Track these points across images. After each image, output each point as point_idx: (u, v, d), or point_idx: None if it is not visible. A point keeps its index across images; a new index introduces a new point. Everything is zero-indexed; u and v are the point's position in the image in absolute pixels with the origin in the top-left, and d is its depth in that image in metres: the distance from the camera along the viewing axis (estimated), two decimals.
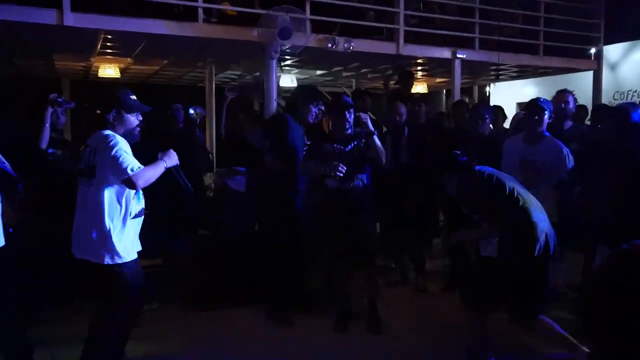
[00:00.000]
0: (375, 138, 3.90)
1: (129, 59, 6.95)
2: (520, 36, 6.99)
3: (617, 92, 8.68)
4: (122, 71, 7.54)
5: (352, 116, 4.02)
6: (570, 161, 4.11)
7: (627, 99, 8.45)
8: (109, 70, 7.22)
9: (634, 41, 8.40)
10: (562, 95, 5.10)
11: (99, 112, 3.42)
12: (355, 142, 3.97)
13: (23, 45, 6.00)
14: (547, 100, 4.50)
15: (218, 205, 5.43)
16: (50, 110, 3.82)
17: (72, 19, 4.60)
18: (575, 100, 5.20)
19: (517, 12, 7.09)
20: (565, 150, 4.15)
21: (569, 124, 5.03)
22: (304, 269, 4.36)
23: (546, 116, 4.20)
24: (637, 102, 6.97)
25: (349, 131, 4.04)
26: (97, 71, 7.42)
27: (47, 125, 3.81)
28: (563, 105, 4.90)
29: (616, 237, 2.73)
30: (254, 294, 4.30)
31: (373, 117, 5.73)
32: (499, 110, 5.99)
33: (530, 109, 4.29)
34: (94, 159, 2.77)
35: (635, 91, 8.52)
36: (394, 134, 4.83)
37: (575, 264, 4.88)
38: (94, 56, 6.65)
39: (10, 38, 5.42)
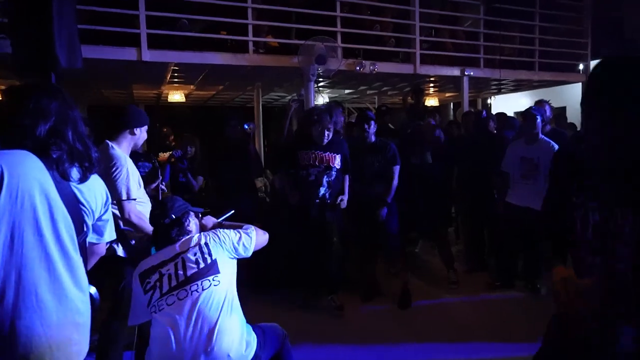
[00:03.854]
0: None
1: (192, 86, 7.00)
2: (518, 55, 6.76)
3: None
4: (186, 96, 7.60)
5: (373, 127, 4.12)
6: None
7: None
8: (176, 96, 7.28)
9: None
10: (541, 105, 5.03)
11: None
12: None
13: (107, 79, 6.10)
14: (538, 108, 4.42)
15: (271, 205, 5.39)
16: None
17: (149, 55, 4.63)
18: (551, 108, 5.09)
19: (515, 34, 6.86)
20: (556, 148, 4.08)
21: (547, 127, 4.92)
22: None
23: (538, 120, 4.16)
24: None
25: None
26: (167, 97, 7.49)
27: None
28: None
29: None
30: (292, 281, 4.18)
31: (392, 127, 5.62)
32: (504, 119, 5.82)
33: (525, 116, 4.25)
34: None
35: None
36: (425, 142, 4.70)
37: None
38: (164, 85, 6.72)
39: (98, 73, 5.50)
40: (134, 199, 2.55)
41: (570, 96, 7.56)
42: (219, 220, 2.43)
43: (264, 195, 5.82)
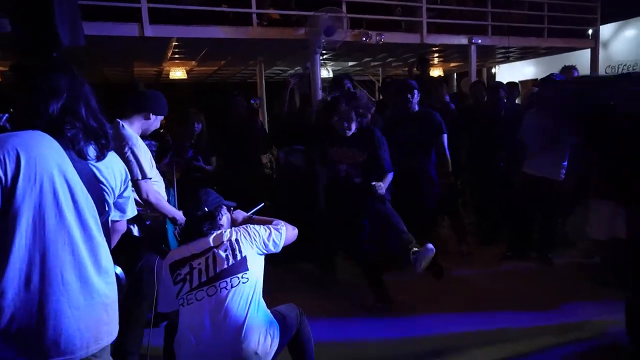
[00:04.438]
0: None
1: (193, 62, 6.86)
2: (526, 21, 6.57)
3: (609, 66, 8.19)
4: (187, 72, 7.46)
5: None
6: None
7: (617, 72, 7.99)
8: (178, 73, 7.15)
9: (624, 20, 7.87)
10: (569, 71, 4.88)
11: None
12: None
13: (108, 56, 5.96)
14: (561, 75, 4.29)
15: (278, 180, 5.34)
16: None
17: (150, 30, 4.50)
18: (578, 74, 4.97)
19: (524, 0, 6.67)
20: None
21: None
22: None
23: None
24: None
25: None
26: (168, 74, 7.35)
27: None
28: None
29: None
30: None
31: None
32: (514, 87, 5.70)
33: (547, 83, 4.10)
34: None
35: (625, 65, 8.03)
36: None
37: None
38: (165, 61, 6.57)
39: (97, 50, 5.37)
40: (150, 178, 2.50)
41: (577, 63, 7.41)
42: (249, 214, 2.42)
43: (270, 171, 5.76)
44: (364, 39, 5.33)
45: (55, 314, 1.36)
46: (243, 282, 2.00)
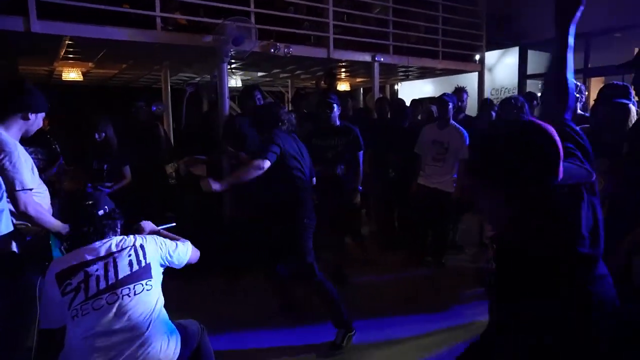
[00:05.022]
0: None
1: (90, 63, 6.37)
2: (423, 44, 7.11)
3: (494, 88, 9.16)
4: (83, 74, 6.91)
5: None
6: (467, 142, 4.36)
7: (500, 94, 8.96)
8: (72, 74, 6.59)
9: (505, 49, 8.87)
10: (460, 92, 5.41)
11: None
12: None
13: None
14: (451, 95, 4.72)
15: (180, 190, 5.17)
16: None
17: (38, 26, 4.11)
18: (467, 96, 5.53)
19: (421, 24, 7.20)
20: (465, 134, 4.40)
21: (462, 115, 5.31)
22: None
23: (450, 107, 4.45)
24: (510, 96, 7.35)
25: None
26: (61, 75, 6.75)
27: None
28: (459, 102, 5.20)
29: None
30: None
31: (305, 111, 5.64)
32: (418, 104, 6.15)
33: (440, 102, 4.50)
34: None
35: (506, 88, 9.03)
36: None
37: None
38: (57, 61, 6.03)
39: None
40: (30, 189, 2.26)
41: (467, 84, 8.15)
42: (159, 228, 2.32)
43: (175, 181, 5.55)
44: (272, 50, 5.38)
45: None
46: (147, 290, 1.91)
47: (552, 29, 1.63)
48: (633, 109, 2.70)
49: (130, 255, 1.94)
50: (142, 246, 1.99)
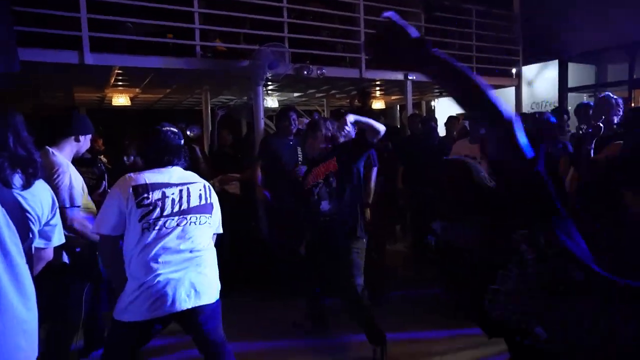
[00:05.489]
0: None
1: (137, 89, 6.83)
2: (457, 60, 7.10)
3: (534, 102, 8.96)
4: (131, 99, 7.41)
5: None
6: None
7: (541, 108, 8.76)
8: (121, 99, 7.08)
9: (545, 62, 8.71)
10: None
11: None
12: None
13: (47, 81, 5.84)
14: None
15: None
16: None
17: (91, 59, 4.51)
18: None
19: (455, 41, 7.23)
20: None
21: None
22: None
23: None
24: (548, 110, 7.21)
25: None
26: (111, 100, 7.26)
27: None
28: None
29: None
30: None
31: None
32: (454, 120, 6.15)
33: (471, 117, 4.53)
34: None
35: (547, 101, 8.82)
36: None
37: None
38: (107, 88, 6.52)
39: (36, 76, 5.27)
40: (78, 206, 2.51)
41: (504, 98, 8.05)
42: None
43: None
44: (305, 72, 5.58)
45: None
46: (208, 224, 2.17)
47: (592, 41, 1.43)
48: None
49: (200, 190, 2.17)
50: (209, 188, 2.25)
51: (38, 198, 1.61)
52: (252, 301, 4.17)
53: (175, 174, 2.17)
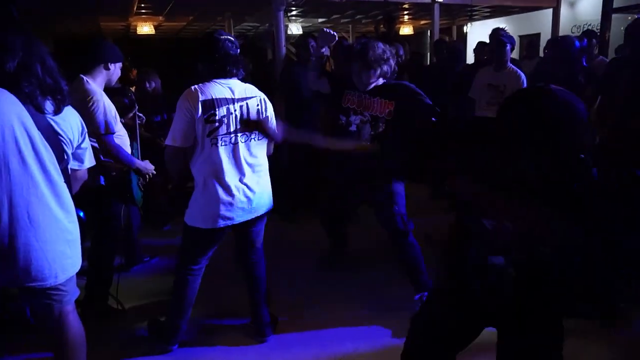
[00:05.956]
0: None
1: (160, 17, 6.80)
2: None
3: (575, 25, 8.39)
4: (155, 28, 7.40)
5: None
6: (525, 85, 4.17)
7: (582, 30, 8.20)
8: (145, 28, 7.08)
9: None
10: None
11: None
12: None
13: (71, 11, 5.89)
14: (508, 35, 4.47)
15: None
16: None
17: None
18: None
19: None
20: (523, 76, 4.21)
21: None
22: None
23: (507, 48, 4.23)
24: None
25: None
26: (136, 29, 7.28)
27: None
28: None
29: None
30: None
31: None
32: (484, 46, 5.84)
33: (496, 42, 4.32)
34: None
35: (589, 24, 8.23)
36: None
37: None
38: (131, 16, 6.51)
39: (61, 5, 5.30)
40: (113, 133, 2.64)
41: (544, 22, 7.56)
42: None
43: None
44: None
45: (25, 247, 1.58)
46: (265, 140, 2.28)
47: None
48: None
49: (258, 105, 2.21)
50: (265, 100, 2.26)
51: (69, 123, 1.73)
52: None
53: (236, 87, 2.17)
